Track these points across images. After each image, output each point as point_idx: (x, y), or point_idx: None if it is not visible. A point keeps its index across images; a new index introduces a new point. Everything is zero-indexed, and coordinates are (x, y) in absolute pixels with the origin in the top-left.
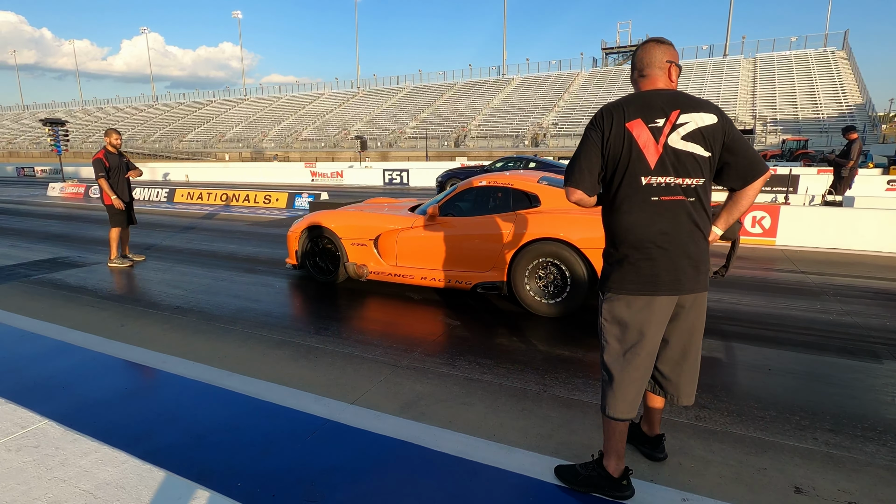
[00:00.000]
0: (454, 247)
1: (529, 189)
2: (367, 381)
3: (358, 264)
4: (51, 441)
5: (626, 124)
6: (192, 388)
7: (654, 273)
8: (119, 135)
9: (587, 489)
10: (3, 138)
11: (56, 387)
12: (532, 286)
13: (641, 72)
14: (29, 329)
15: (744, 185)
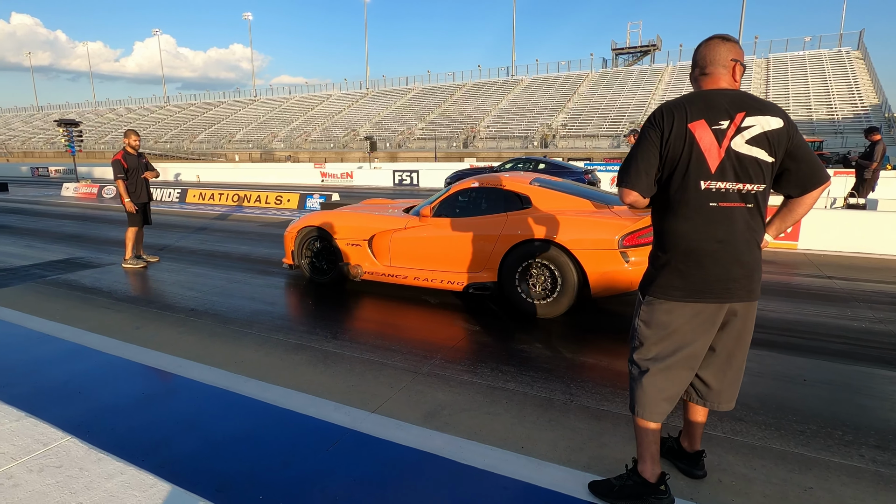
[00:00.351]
0: (446, 247)
1: (521, 190)
2: (387, 389)
3: (353, 264)
4: (74, 461)
5: (689, 125)
6: (210, 394)
7: (704, 280)
8: (138, 136)
9: (625, 501)
10: (19, 139)
11: (72, 392)
12: (522, 287)
13: (704, 70)
14: (44, 331)
15: (802, 193)
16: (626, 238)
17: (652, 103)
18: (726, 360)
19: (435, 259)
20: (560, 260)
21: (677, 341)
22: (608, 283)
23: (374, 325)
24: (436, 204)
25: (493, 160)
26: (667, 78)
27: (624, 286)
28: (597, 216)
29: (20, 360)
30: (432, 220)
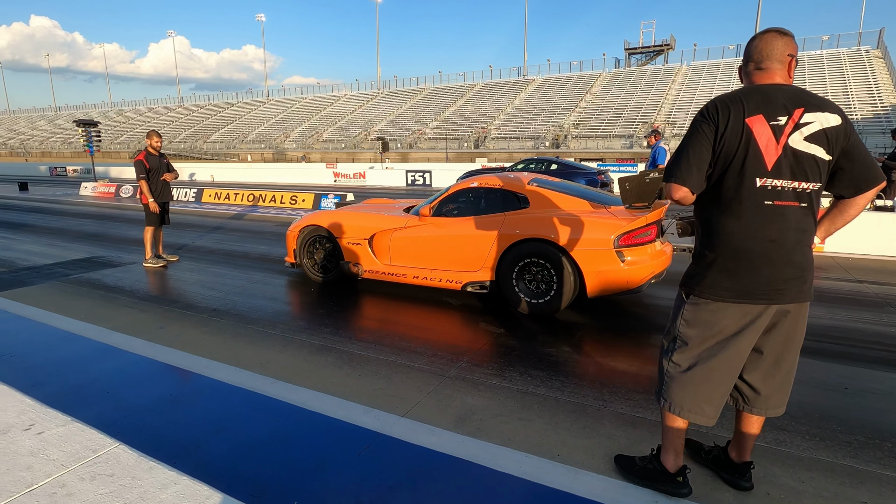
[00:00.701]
0: (445, 247)
1: (519, 190)
2: (415, 392)
3: (353, 263)
4: (125, 469)
5: (746, 119)
6: (237, 396)
7: (755, 281)
8: (160, 137)
9: (643, 480)
10: (37, 139)
11: (100, 391)
12: (520, 286)
13: (759, 64)
14: (71, 330)
15: (855, 194)
16: (622, 238)
17: (665, 103)
18: (774, 363)
19: (434, 258)
20: (556, 259)
21: (722, 343)
22: (604, 283)
23: (397, 327)
24: (435, 204)
25: (505, 160)
26: (681, 78)
27: (620, 285)
28: (593, 216)
29: (49, 360)
30: (431, 220)
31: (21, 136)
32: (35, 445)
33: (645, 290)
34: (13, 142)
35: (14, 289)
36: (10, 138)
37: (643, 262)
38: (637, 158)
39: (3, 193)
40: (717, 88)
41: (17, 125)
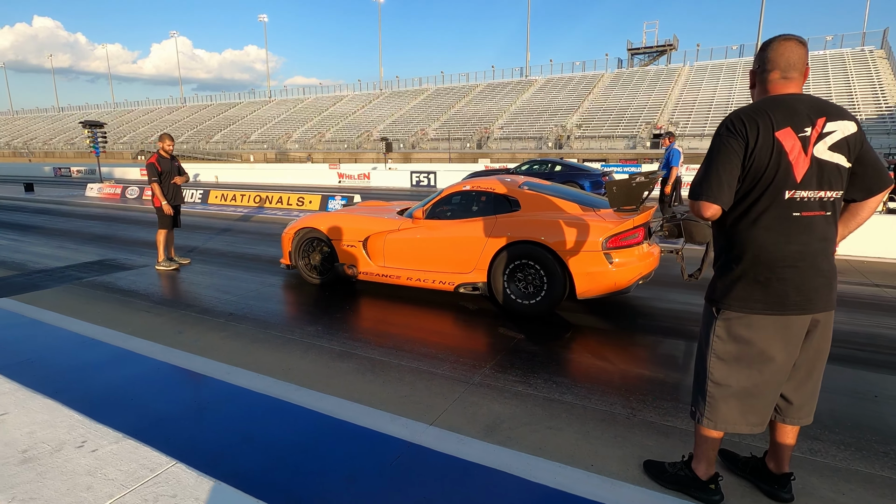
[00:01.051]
0: (438, 249)
1: (510, 193)
2: (441, 400)
3: (347, 265)
4: (187, 490)
5: (776, 133)
6: (262, 403)
7: (785, 291)
8: (172, 140)
9: (674, 487)
10: (40, 139)
11: (124, 398)
12: (511, 287)
13: (786, 73)
14: (89, 335)
15: (866, 197)
16: (610, 240)
17: (668, 104)
18: (807, 374)
19: (427, 260)
20: (546, 261)
21: (761, 357)
22: (593, 284)
23: (417, 332)
24: (428, 206)
25: (507, 161)
26: (683, 78)
27: (608, 287)
28: (582, 219)
29: (70, 365)
30: (424, 222)
31: (24, 137)
32: (91, 464)
33: (632, 292)
34: (17, 142)
35: (29, 292)
36: (14, 139)
37: (631, 264)
38: (640, 159)
39: (9, 194)
40: (721, 89)
41: (20, 126)
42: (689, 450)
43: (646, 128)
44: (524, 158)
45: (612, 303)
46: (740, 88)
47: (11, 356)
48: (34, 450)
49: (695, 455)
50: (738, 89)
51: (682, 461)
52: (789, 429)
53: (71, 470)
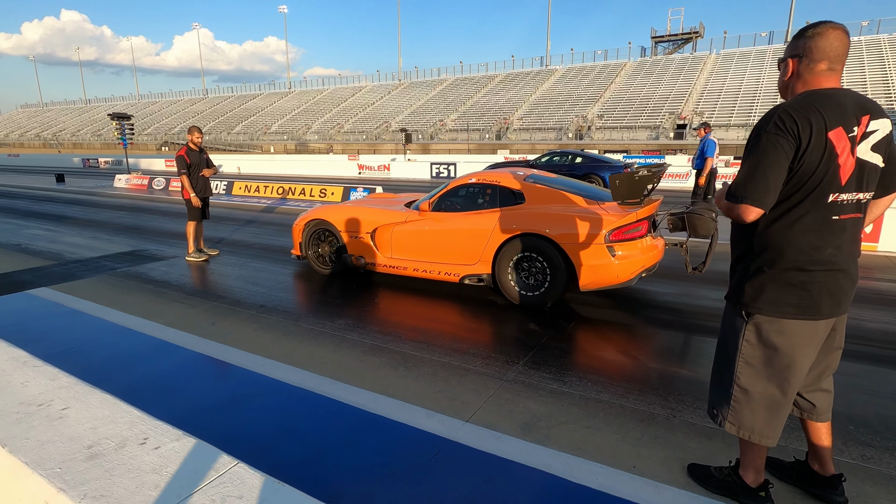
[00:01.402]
0: (443, 240)
1: (515, 187)
2: (475, 396)
3: (356, 256)
4: (253, 491)
5: (828, 133)
6: (298, 396)
7: (819, 295)
8: (201, 133)
9: (721, 493)
10: (69, 131)
11: (164, 389)
12: (515, 279)
13: (833, 65)
14: (127, 325)
15: (884, 194)
16: (613, 233)
17: (693, 93)
18: (820, 374)
19: (433, 251)
20: (549, 253)
21: (789, 363)
22: (595, 277)
23: (447, 327)
24: (434, 199)
25: (527, 152)
26: (710, 66)
27: (611, 279)
28: (586, 212)
29: (111, 355)
30: (430, 215)
31: (54, 128)
32: (156, 462)
33: (634, 285)
34: (46, 133)
35: (66, 282)
36: (44, 130)
37: (634, 257)
38: (663, 150)
39: (43, 185)
40: (749, 77)
41: (49, 117)
42: (734, 453)
43: (669, 118)
44: (544, 149)
45: (642, 299)
46: (769, 77)
47: (54, 345)
48: (99, 446)
49: (742, 462)
50: (766, 78)
51: (730, 466)
52: (820, 426)
53: (137, 467)
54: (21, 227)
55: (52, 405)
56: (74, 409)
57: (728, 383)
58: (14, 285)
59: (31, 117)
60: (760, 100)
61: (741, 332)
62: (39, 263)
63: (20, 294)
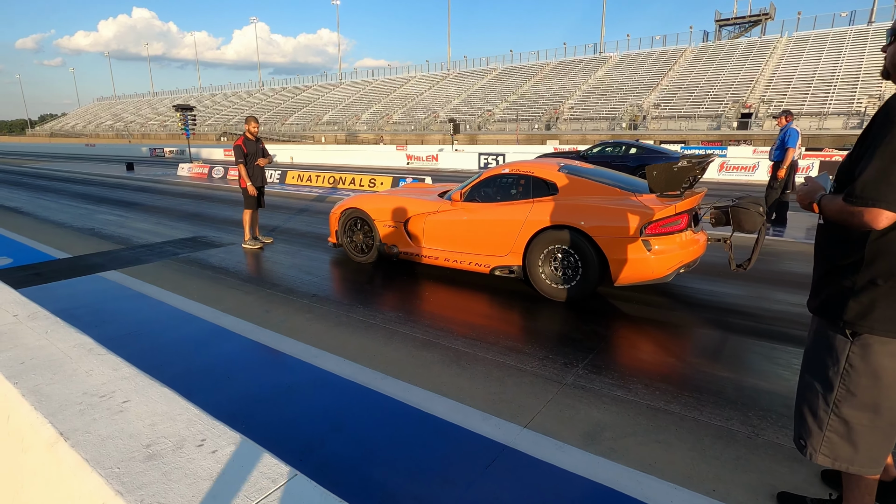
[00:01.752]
0: (474, 231)
1: (548, 177)
2: (533, 400)
3: (388, 245)
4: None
5: None
6: (350, 391)
7: None
8: (257, 123)
9: None
10: (138, 122)
11: (221, 376)
12: (546, 271)
13: None
14: (186, 310)
15: None
16: (649, 226)
17: (761, 80)
18: None
19: (464, 242)
20: (582, 246)
21: None
22: (630, 271)
23: (500, 323)
24: (466, 189)
25: (577, 143)
26: (780, 51)
27: (646, 275)
28: (620, 204)
29: (173, 339)
30: (462, 205)
31: (125, 120)
32: (213, 467)
33: (672, 280)
34: (118, 125)
35: (133, 266)
36: (116, 122)
37: (671, 252)
38: (725, 140)
39: (114, 173)
40: (826, 62)
41: (121, 110)
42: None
43: (733, 107)
44: (595, 140)
45: (709, 301)
46: (849, 59)
47: (120, 327)
48: (157, 445)
49: (845, 498)
50: (846, 62)
51: (830, 499)
52: None
53: (194, 472)
54: (95, 213)
55: (113, 397)
56: (134, 403)
57: (822, 411)
58: (88, 268)
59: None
60: (838, 86)
61: (843, 354)
62: (110, 247)
63: (93, 276)
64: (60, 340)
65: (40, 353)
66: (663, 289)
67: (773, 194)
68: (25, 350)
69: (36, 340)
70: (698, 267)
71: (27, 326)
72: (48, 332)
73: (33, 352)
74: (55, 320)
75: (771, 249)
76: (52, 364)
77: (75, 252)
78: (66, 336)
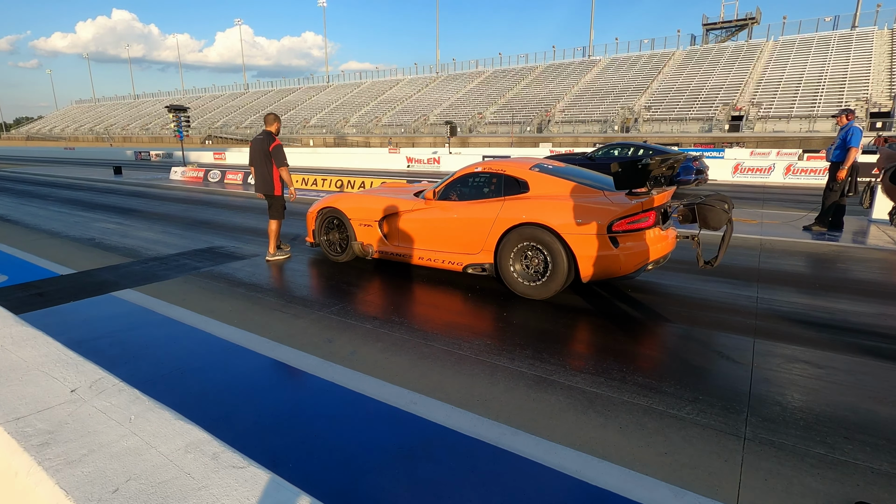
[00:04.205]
0: (447, 229)
1: (520, 175)
2: (719, 462)
3: (364, 244)
4: None
5: None
6: (486, 454)
7: None
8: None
9: None
10: (118, 125)
11: (309, 438)
12: (517, 268)
13: None
14: (232, 339)
15: None
16: (616, 223)
17: (749, 83)
18: None
19: (437, 240)
20: (551, 243)
21: None
22: (598, 268)
23: (612, 354)
24: (440, 188)
25: (570, 145)
26: (767, 54)
27: (613, 271)
28: (589, 202)
29: (225, 380)
30: (435, 203)
31: (105, 123)
32: None
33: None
34: (99, 128)
35: (150, 283)
36: (96, 125)
37: (638, 248)
38: (717, 142)
39: (101, 177)
40: (813, 66)
41: (101, 112)
42: None
43: (723, 109)
44: (588, 142)
45: (837, 322)
46: (835, 62)
47: (157, 363)
48: None
49: None
50: (832, 65)
51: None
52: None
53: None
54: (91, 221)
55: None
56: (213, 485)
57: None
58: (98, 286)
59: (85, 112)
60: (826, 89)
61: None
62: (118, 261)
63: (106, 297)
64: (159, 438)
65: (139, 467)
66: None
67: (831, 196)
68: (110, 461)
69: (121, 438)
70: None
71: (95, 407)
72: (133, 419)
73: (126, 464)
74: (133, 394)
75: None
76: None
77: (79, 266)
78: (165, 428)
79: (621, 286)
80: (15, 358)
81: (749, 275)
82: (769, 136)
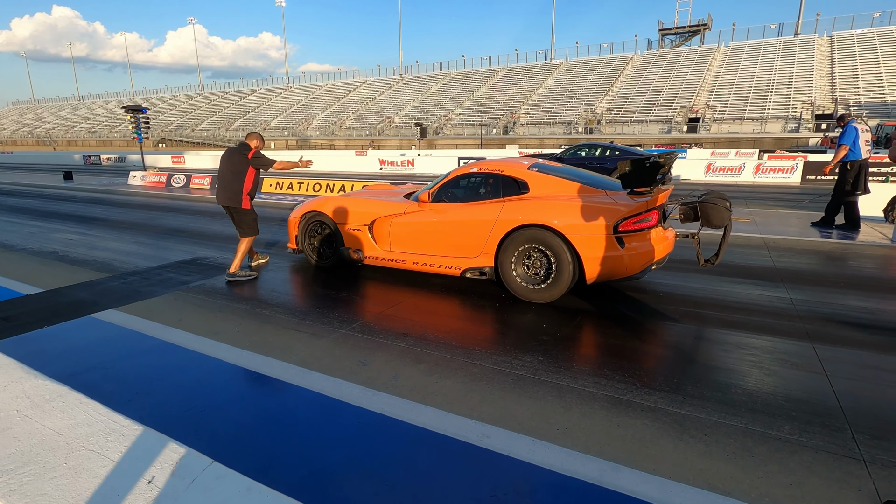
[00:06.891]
0: (444, 232)
1: (519, 175)
2: (855, 495)
3: (353, 249)
4: None
5: None
6: (591, 496)
7: None
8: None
9: None
10: (62, 127)
11: (388, 485)
12: (519, 272)
13: None
14: (253, 368)
15: None
16: (622, 223)
17: (704, 86)
18: None
19: (433, 244)
20: (555, 245)
21: None
22: (603, 269)
23: (683, 362)
24: (434, 189)
25: (536, 146)
26: (719, 59)
27: (620, 272)
28: (593, 202)
29: (260, 423)
30: (431, 206)
31: (47, 125)
32: None
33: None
34: (39, 131)
35: (136, 302)
36: (36, 127)
37: (643, 248)
38: (676, 143)
39: (51, 183)
40: (760, 70)
41: (42, 114)
42: None
43: (681, 111)
44: (553, 144)
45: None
46: (781, 68)
47: (166, 400)
48: None
49: None
50: (778, 70)
51: None
52: None
53: None
54: (48, 231)
55: None
56: None
57: None
58: (73, 306)
59: (23, 114)
60: (774, 92)
61: None
62: (91, 276)
63: (87, 319)
64: None
65: None
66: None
67: (840, 194)
68: None
69: None
70: None
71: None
72: None
73: None
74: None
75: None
76: None
77: (45, 284)
78: None
79: (634, 287)
80: (45, 431)
81: (770, 275)
82: (725, 136)
